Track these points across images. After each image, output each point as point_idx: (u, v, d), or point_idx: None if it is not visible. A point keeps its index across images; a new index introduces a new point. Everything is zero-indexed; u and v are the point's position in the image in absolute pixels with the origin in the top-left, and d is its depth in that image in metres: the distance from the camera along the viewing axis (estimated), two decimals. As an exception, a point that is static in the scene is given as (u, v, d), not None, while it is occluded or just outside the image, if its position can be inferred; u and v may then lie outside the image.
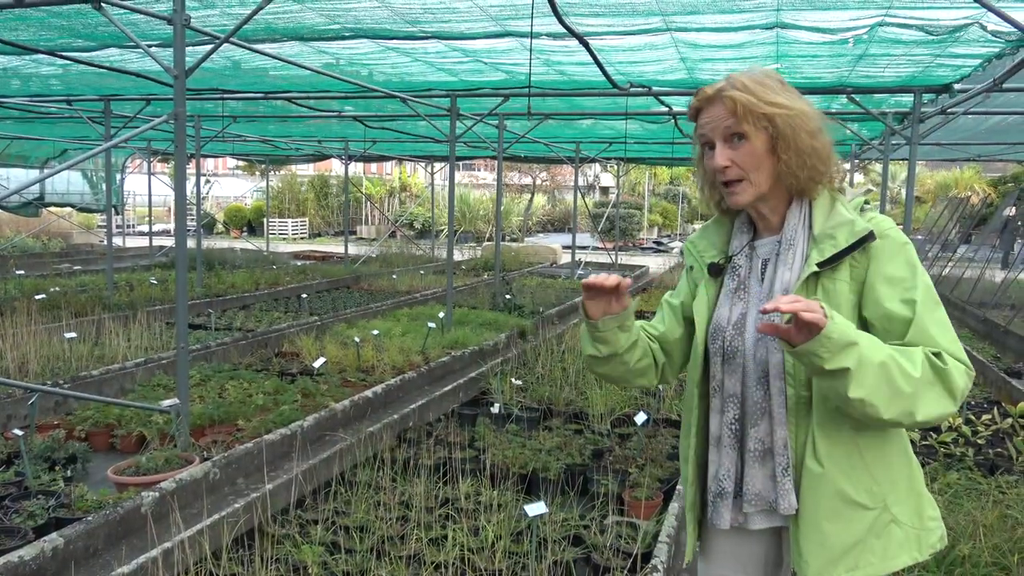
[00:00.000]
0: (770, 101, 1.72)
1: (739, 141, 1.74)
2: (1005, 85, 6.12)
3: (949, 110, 7.74)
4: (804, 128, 1.73)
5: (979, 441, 5.43)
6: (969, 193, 25.39)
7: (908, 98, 7.66)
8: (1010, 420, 5.82)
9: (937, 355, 1.64)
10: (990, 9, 4.26)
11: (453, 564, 3.40)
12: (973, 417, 5.90)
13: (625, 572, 3.46)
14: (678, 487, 4.34)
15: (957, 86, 6.94)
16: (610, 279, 1.81)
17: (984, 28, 5.14)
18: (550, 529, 3.77)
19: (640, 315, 10.36)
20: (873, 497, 1.74)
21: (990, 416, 5.92)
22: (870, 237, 1.71)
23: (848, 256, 1.72)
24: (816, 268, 1.72)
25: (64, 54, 7.14)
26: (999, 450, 5.26)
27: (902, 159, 13.82)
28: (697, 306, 1.92)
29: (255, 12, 5.02)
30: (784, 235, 1.82)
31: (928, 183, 31.38)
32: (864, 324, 1.72)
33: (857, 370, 1.54)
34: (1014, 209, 16.83)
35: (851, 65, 6.65)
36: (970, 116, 8.71)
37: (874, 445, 1.75)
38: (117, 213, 22.54)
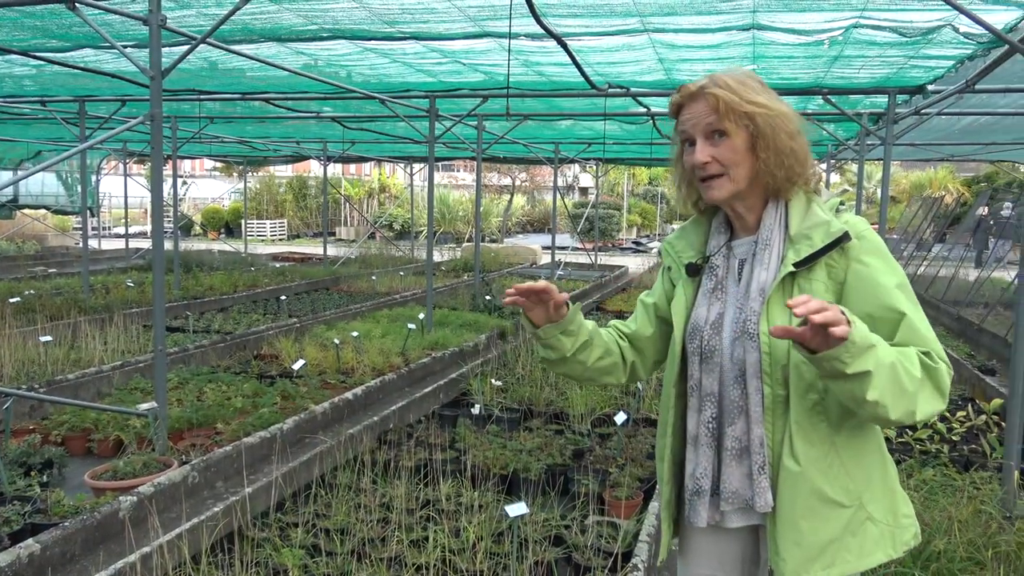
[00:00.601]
0: (751, 100, 1.74)
1: (720, 138, 1.76)
2: (977, 86, 6.20)
3: (923, 111, 7.84)
4: (783, 128, 1.76)
5: (954, 438, 5.50)
6: (943, 193, 25.70)
7: (883, 99, 7.74)
8: (984, 417, 5.90)
9: (927, 354, 1.66)
10: (962, 11, 4.31)
11: (435, 565, 3.40)
12: (948, 414, 5.98)
13: (606, 571, 3.48)
14: (658, 486, 4.37)
15: (931, 87, 7.02)
16: (537, 284, 1.83)
17: (956, 30, 5.20)
18: (531, 529, 3.77)
19: (619, 315, 10.33)
20: (849, 495, 1.75)
21: (965, 413, 6.00)
22: (845, 238, 1.73)
23: (824, 256, 1.74)
24: (792, 268, 1.74)
25: (38, 54, 7.06)
26: (973, 446, 5.34)
27: (877, 159, 13.99)
28: (675, 306, 1.94)
29: (232, 12, 4.99)
30: (760, 235, 1.83)
31: (903, 183, 31.74)
32: None
33: (875, 372, 1.54)
34: (987, 209, 17.07)
35: (826, 66, 6.72)
36: (943, 117, 8.82)
37: (850, 444, 1.76)
38: (92, 215, 22.29)
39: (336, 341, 7.07)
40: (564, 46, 5.85)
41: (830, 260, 1.75)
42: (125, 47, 5.55)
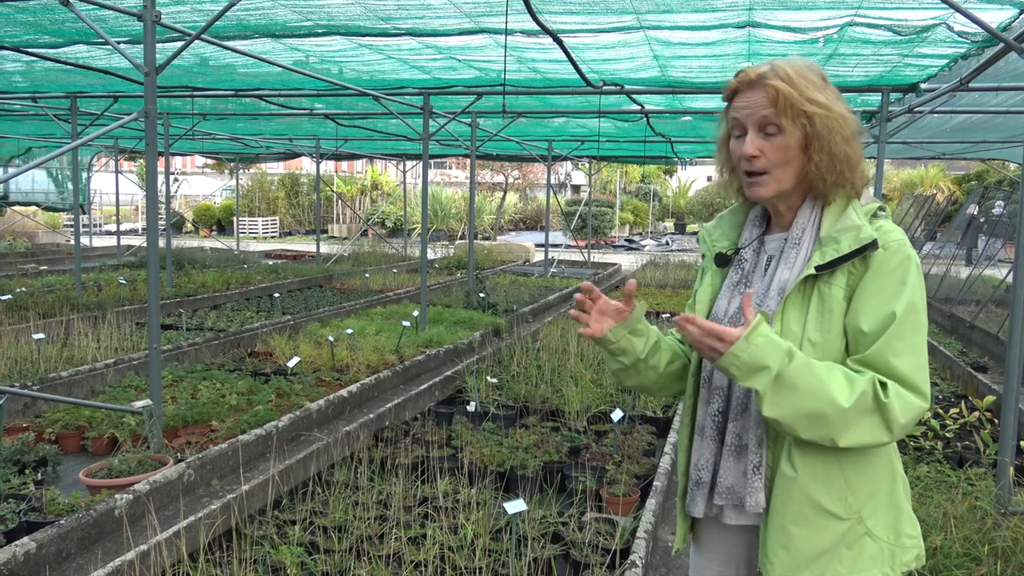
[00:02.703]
0: (811, 98, 1.67)
1: (772, 133, 1.70)
2: (971, 85, 6.22)
3: (916, 109, 7.86)
4: (840, 132, 1.69)
5: (947, 435, 5.53)
6: (934, 191, 25.82)
7: (876, 97, 7.76)
8: (977, 414, 5.93)
9: (884, 386, 1.61)
10: (957, 10, 4.32)
11: (433, 563, 3.40)
12: (941, 411, 6.02)
13: (604, 568, 3.48)
14: (654, 483, 4.38)
15: (924, 86, 7.04)
16: (588, 287, 1.83)
17: (951, 29, 5.21)
18: (529, 526, 3.78)
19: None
20: (847, 507, 1.71)
21: (958, 410, 6.03)
22: (873, 246, 1.66)
23: (847, 263, 1.69)
24: (814, 271, 1.68)
25: (30, 50, 7.01)
26: (967, 443, 5.36)
27: (870, 157, 14.02)
28: (700, 294, 1.91)
29: (227, 8, 4.96)
30: (791, 234, 1.78)
31: (894, 181, 31.86)
32: (844, 331, 1.69)
33: (769, 393, 1.59)
34: (977, 207, 17.15)
35: (821, 64, 6.73)
36: (936, 115, 8.85)
37: (855, 455, 1.71)
38: (84, 212, 22.19)
39: (330, 338, 7.06)
40: (560, 43, 5.85)
41: (851, 267, 1.68)
42: (119, 43, 5.52)
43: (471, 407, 5.79)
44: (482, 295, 10.58)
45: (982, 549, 3.32)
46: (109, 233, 25.75)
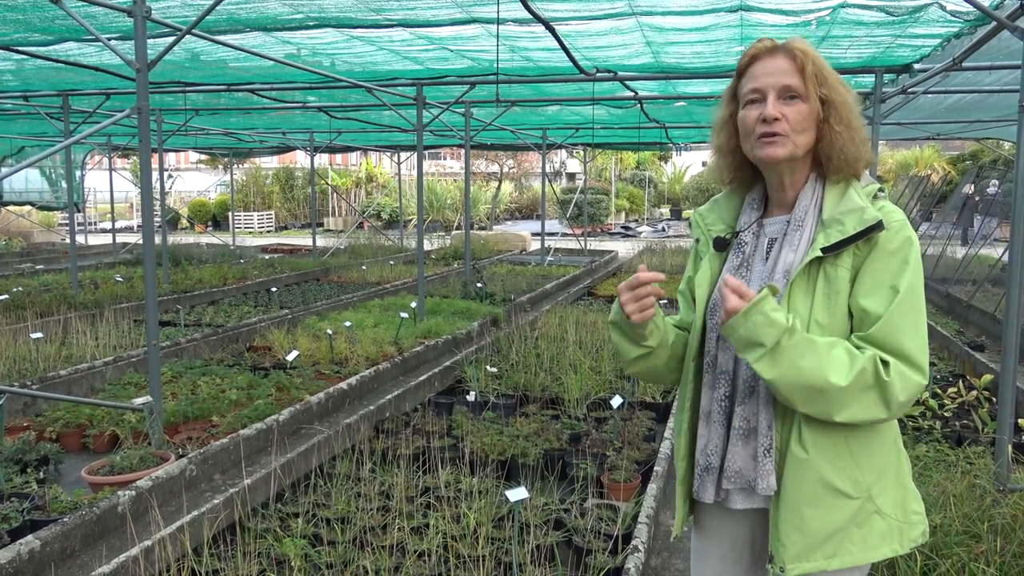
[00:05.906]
0: (830, 71, 1.72)
1: (793, 101, 1.71)
2: (964, 64, 6.22)
3: (909, 90, 7.86)
4: (854, 107, 1.73)
5: (946, 414, 5.55)
6: (929, 172, 25.80)
7: (869, 79, 7.75)
8: (975, 393, 5.95)
9: (886, 364, 1.63)
10: (949, -11, 4.33)
11: (436, 552, 3.41)
12: (939, 391, 6.04)
13: (606, 553, 3.50)
14: (655, 468, 4.39)
15: (917, 66, 7.03)
16: (650, 275, 1.78)
17: (943, 8, 5.21)
18: (531, 514, 3.80)
19: (611, 300, 10.32)
20: (857, 486, 1.72)
21: (956, 389, 6.05)
22: (878, 227, 1.67)
23: (853, 245, 1.70)
24: (820, 253, 1.69)
25: (20, 48, 6.98)
26: (965, 422, 5.39)
27: (864, 139, 14.01)
28: (699, 279, 1.89)
29: (218, 2, 4.94)
30: (794, 215, 1.79)
31: (888, 162, 31.82)
32: (849, 311, 1.71)
33: (761, 364, 1.63)
34: (972, 187, 17.15)
35: (814, 47, 6.70)
36: (930, 95, 8.85)
37: (862, 434, 1.73)
38: (78, 210, 22.14)
39: (329, 331, 7.06)
40: (552, 31, 5.83)
41: (856, 248, 1.70)
42: (109, 39, 5.49)
43: (471, 397, 5.81)
44: (479, 285, 10.58)
45: (981, 527, 3.34)
46: (104, 231, 25.72)
